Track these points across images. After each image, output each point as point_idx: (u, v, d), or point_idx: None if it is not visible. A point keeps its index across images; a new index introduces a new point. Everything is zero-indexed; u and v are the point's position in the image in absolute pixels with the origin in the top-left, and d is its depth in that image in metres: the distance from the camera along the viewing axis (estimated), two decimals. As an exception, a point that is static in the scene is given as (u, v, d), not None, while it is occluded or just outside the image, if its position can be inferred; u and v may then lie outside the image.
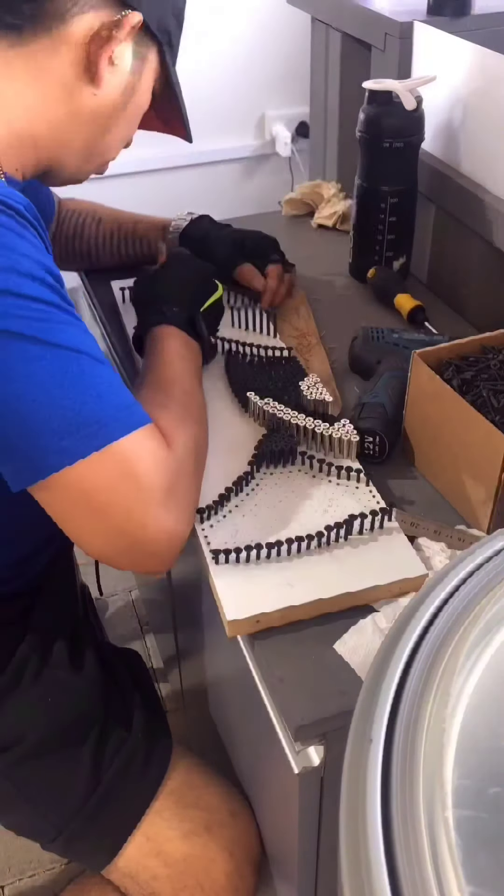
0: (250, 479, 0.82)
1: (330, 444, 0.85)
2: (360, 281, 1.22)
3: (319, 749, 0.66)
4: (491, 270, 1.08)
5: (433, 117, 1.11)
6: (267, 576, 0.72)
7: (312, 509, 0.79)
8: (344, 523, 0.75)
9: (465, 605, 0.48)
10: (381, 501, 0.80)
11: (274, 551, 0.74)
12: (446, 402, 0.80)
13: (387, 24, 1.18)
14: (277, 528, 0.77)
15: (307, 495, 0.81)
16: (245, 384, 0.94)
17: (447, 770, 0.40)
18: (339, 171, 1.48)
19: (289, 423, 0.86)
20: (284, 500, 0.81)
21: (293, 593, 0.70)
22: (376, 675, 0.45)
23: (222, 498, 0.79)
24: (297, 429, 0.86)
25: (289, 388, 0.93)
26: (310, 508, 0.80)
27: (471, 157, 1.10)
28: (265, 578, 0.72)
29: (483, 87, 1.04)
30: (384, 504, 0.79)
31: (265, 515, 0.79)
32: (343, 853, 0.39)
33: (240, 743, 1.00)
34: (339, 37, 1.34)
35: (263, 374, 0.97)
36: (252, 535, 0.76)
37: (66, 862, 1.40)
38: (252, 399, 0.89)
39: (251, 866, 0.93)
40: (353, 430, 0.84)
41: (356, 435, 0.84)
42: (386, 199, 1.13)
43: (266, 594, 0.71)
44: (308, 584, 0.71)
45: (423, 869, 0.36)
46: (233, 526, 0.77)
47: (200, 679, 1.16)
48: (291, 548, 0.74)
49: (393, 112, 1.08)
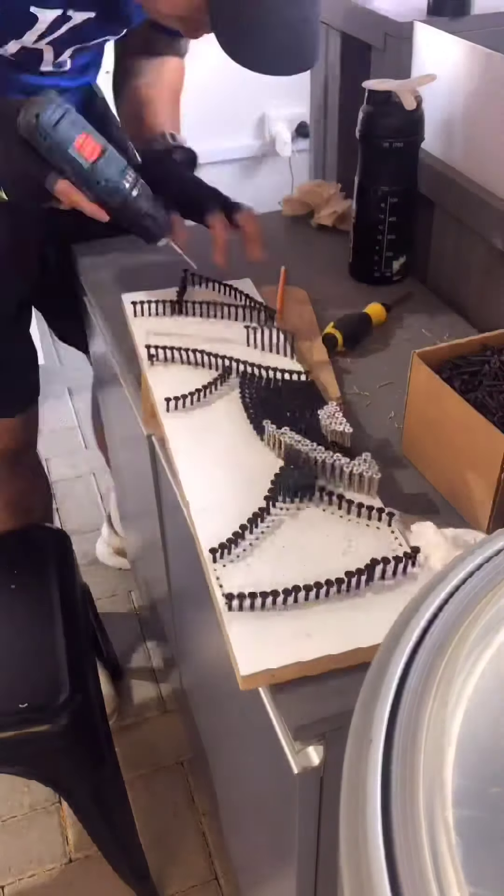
0: (266, 515, 0.78)
1: (349, 480, 0.80)
2: (360, 281, 1.22)
3: (319, 749, 0.66)
4: (491, 270, 1.08)
5: (433, 117, 1.11)
6: (282, 623, 0.68)
7: (331, 550, 0.75)
8: (366, 569, 0.70)
9: (466, 605, 0.48)
10: (403, 543, 0.75)
11: (291, 598, 0.69)
12: (446, 402, 0.80)
13: (387, 24, 1.18)
14: (294, 571, 0.73)
15: (326, 534, 0.77)
16: (260, 410, 0.91)
17: (447, 770, 0.40)
18: (339, 171, 1.48)
19: (307, 456, 0.82)
20: (301, 539, 0.76)
21: (312, 644, 0.66)
22: (376, 674, 0.45)
23: (237, 536, 0.75)
24: (315, 462, 0.82)
25: (306, 416, 0.89)
26: (328, 549, 0.75)
27: (471, 157, 1.10)
28: (281, 627, 0.68)
29: (483, 86, 1.04)
30: (408, 548, 0.74)
31: (281, 556, 0.75)
32: (343, 853, 0.39)
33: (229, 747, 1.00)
34: (338, 37, 1.34)
35: (279, 400, 0.93)
36: (267, 576, 0.72)
37: (67, 862, 1.40)
38: (268, 428, 0.86)
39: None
40: (375, 466, 0.80)
41: (378, 472, 0.80)
42: (386, 199, 1.13)
43: (281, 646, 0.66)
44: (329, 636, 0.67)
45: (423, 869, 0.36)
46: (246, 566, 0.73)
47: (198, 680, 1.16)
48: (310, 595, 0.69)
49: (393, 112, 1.08)
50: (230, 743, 1.07)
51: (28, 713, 1.09)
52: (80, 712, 1.11)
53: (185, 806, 1.47)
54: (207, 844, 1.42)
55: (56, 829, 1.44)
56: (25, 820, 1.46)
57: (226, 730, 1.08)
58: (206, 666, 1.08)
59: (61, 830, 1.44)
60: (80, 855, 1.41)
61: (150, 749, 1.56)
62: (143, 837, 1.41)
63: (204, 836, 1.43)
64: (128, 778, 1.50)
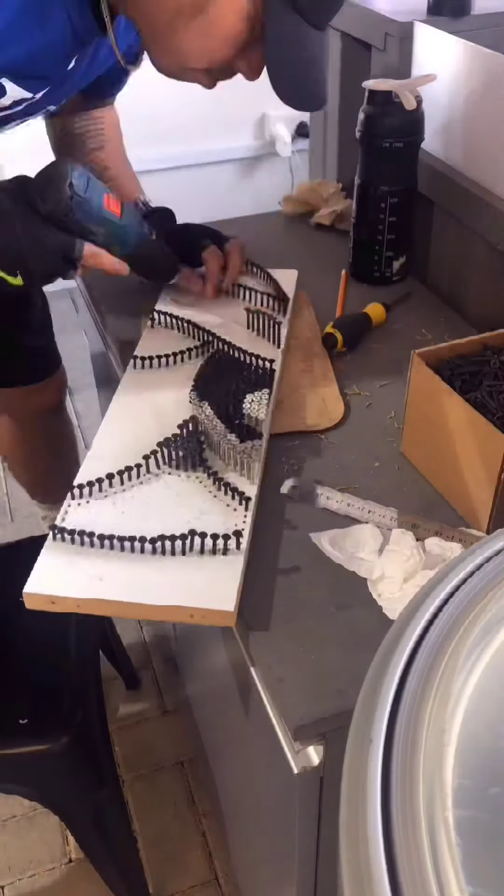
0: (139, 471, 0.82)
1: (235, 462, 0.82)
2: (360, 281, 1.22)
3: (319, 749, 0.66)
4: (491, 270, 1.08)
5: (433, 117, 1.11)
6: (88, 563, 0.73)
7: (180, 516, 0.78)
8: (181, 537, 0.73)
9: (466, 604, 0.48)
10: (244, 529, 0.76)
11: (106, 543, 0.74)
12: (446, 402, 0.80)
13: (387, 24, 1.18)
14: (134, 524, 0.76)
15: (186, 502, 0.79)
16: (207, 383, 0.93)
17: (447, 770, 0.40)
18: (339, 171, 1.48)
19: (204, 430, 0.85)
20: (159, 500, 0.80)
21: (99, 587, 0.71)
22: (377, 674, 0.45)
23: (99, 481, 0.80)
24: (207, 437, 0.85)
25: (239, 399, 0.90)
26: (178, 515, 0.78)
27: (471, 157, 1.10)
28: (86, 566, 0.73)
29: (483, 86, 1.04)
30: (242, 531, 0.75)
31: (133, 509, 0.78)
32: (343, 853, 0.39)
33: (229, 747, 1.00)
34: (339, 36, 1.34)
35: (233, 378, 0.93)
36: (108, 521, 0.77)
37: (67, 862, 1.40)
38: (190, 396, 0.90)
39: None
40: (260, 455, 0.83)
41: (260, 460, 0.83)
42: (386, 198, 1.13)
43: (74, 580, 0.71)
44: (117, 585, 0.71)
45: (423, 869, 0.36)
46: (96, 509, 0.78)
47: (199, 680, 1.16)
48: (125, 545, 0.74)
49: (393, 112, 1.08)
50: (230, 743, 1.07)
51: (28, 729, 1.06)
52: (81, 730, 1.07)
53: (185, 806, 1.47)
54: (207, 844, 1.42)
55: (56, 829, 1.44)
56: (25, 820, 1.46)
57: (226, 730, 1.08)
58: (206, 666, 1.09)
59: (61, 830, 1.44)
60: (80, 855, 1.40)
61: (150, 749, 1.56)
62: (143, 838, 1.42)
63: (204, 836, 1.43)
64: (128, 778, 1.51)
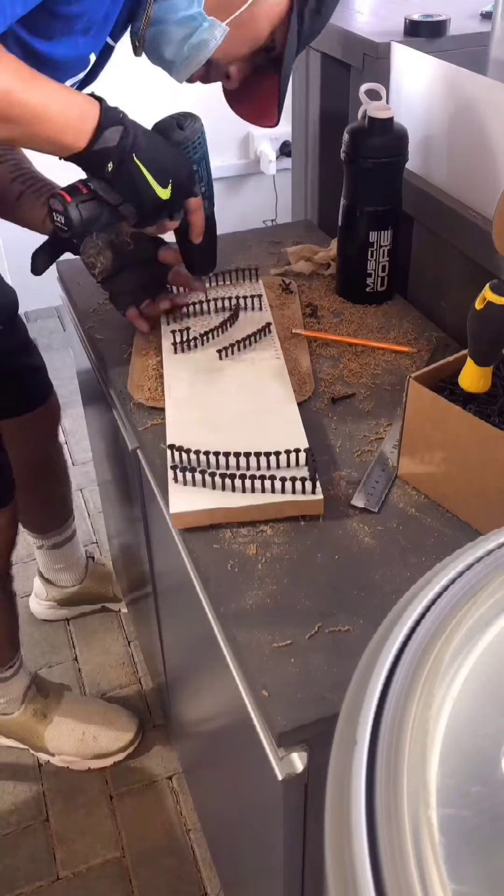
0: None
1: None
2: (347, 299, 1.22)
3: (303, 756, 0.67)
4: (469, 284, 1.10)
5: (412, 135, 1.13)
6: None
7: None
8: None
9: (451, 608, 0.48)
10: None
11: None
12: (453, 420, 0.79)
13: (365, 45, 1.20)
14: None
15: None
16: None
17: (431, 770, 0.41)
18: (321, 189, 1.50)
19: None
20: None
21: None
22: (362, 677, 0.46)
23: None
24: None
25: None
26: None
27: (448, 174, 1.12)
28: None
29: (459, 105, 1.06)
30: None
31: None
32: (328, 853, 0.39)
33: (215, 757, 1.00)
34: (319, 57, 1.36)
35: None
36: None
37: (54, 880, 1.39)
38: None
39: None
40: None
41: None
42: (372, 218, 1.14)
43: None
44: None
45: (406, 867, 0.36)
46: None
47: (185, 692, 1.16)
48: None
49: (376, 132, 1.09)
50: (217, 754, 1.07)
51: None
52: None
53: (173, 821, 1.47)
54: (196, 859, 1.41)
55: (44, 847, 1.43)
56: (13, 837, 1.45)
57: (211, 740, 1.08)
58: (191, 676, 1.09)
59: (49, 848, 1.43)
60: (68, 873, 1.40)
61: (138, 765, 1.55)
62: (132, 853, 1.41)
63: (192, 850, 1.42)
64: (116, 794, 1.50)
